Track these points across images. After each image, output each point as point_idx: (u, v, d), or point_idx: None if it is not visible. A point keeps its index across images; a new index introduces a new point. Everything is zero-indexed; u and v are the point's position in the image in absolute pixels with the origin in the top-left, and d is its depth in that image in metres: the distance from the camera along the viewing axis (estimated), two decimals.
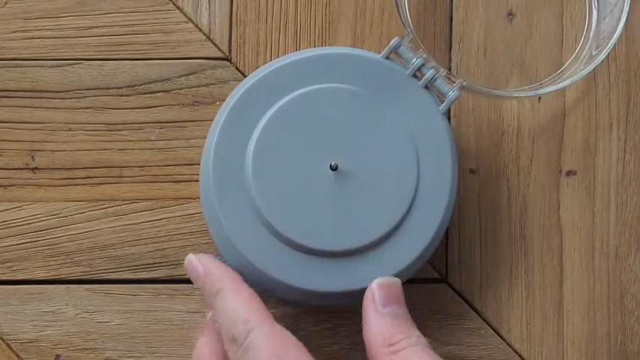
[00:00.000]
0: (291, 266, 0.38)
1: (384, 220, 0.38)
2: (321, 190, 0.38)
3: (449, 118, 0.44)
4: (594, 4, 0.44)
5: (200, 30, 0.45)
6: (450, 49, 0.44)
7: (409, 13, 0.44)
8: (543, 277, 0.43)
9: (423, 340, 0.34)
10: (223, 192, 0.38)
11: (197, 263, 0.37)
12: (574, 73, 0.41)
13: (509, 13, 0.45)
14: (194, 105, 0.44)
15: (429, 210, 0.39)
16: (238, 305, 0.34)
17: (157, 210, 0.43)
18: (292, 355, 0.32)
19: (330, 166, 0.38)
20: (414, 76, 0.39)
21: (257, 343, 0.33)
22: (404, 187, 0.38)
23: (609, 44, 0.41)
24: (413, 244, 0.39)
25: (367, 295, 0.35)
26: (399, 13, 0.40)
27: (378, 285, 0.35)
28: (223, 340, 0.35)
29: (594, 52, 0.42)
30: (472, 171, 0.44)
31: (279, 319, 0.42)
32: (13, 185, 0.43)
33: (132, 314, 0.43)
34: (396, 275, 0.38)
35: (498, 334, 0.43)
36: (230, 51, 0.45)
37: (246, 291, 0.35)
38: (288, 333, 0.34)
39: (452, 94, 0.39)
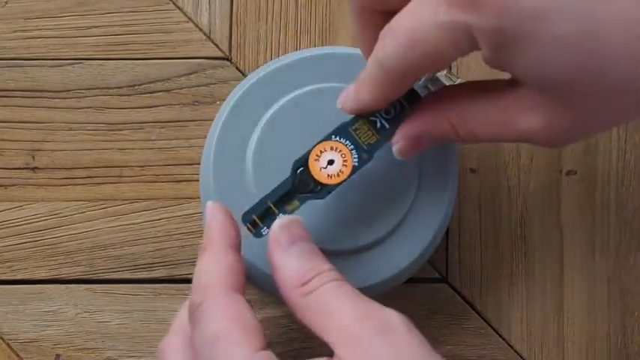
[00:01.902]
0: None
1: (384, 220, 0.38)
2: None
3: None
4: None
5: (200, 30, 0.45)
6: None
7: None
8: (543, 277, 0.43)
9: (334, 274, 0.32)
10: (223, 192, 0.38)
11: (208, 211, 0.35)
12: None
13: None
14: (194, 105, 0.44)
15: (429, 210, 0.39)
16: (207, 269, 0.32)
17: (157, 210, 0.43)
18: (234, 337, 0.30)
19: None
20: None
21: (205, 317, 0.31)
22: (404, 187, 0.38)
23: None
24: (413, 244, 0.38)
25: (271, 239, 0.33)
26: None
27: (280, 226, 0.33)
28: None
29: None
30: (472, 170, 0.44)
31: (279, 318, 0.42)
32: (13, 185, 0.43)
33: (132, 314, 0.43)
34: (397, 275, 0.38)
35: (498, 334, 0.43)
36: (230, 51, 0.45)
37: (226, 257, 0.33)
38: (246, 310, 0.31)
39: None
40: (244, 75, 0.44)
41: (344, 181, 0.35)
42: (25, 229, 0.43)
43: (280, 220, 0.33)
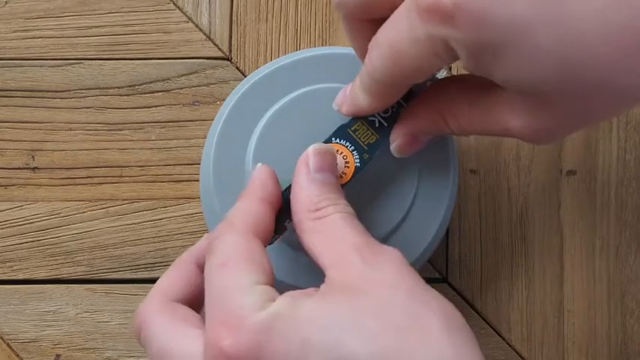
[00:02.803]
0: (292, 266, 0.38)
1: (384, 220, 0.38)
2: None
3: None
4: None
5: (200, 30, 0.45)
6: None
7: None
8: (543, 277, 0.43)
9: (349, 209, 0.33)
10: (223, 192, 0.38)
11: (255, 171, 0.35)
12: None
13: None
14: (194, 105, 0.44)
15: (429, 210, 0.39)
16: (236, 211, 0.33)
17: (158, 210, 0.43)
18: (238, 268, 0.30)
19: None
20: None
21: (219, 248, 0.31)
22: (404, 187, 0.38)
23: None
24: (413, 244, 0.38)
25: (301, 159, 0.34)
26: None
27: (314, 150, 0.34)
28: None
29: None
30: (472, 171, 0.44)
31: None
32: (13, 185, 0.43)
33: (132, 314, 0.43)
34: None
35: (498, 334, 0.43)
36: (230, 51, 0.45)
37: (258, 206, 0.33)
38: (258, 249, 0.31)
39: None
40: (244, 75, 0.44)
41: (347, 182, 0.35)
42: (26, 229, 0.43)
43: (317, 145, 0.34)
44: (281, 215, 0.34)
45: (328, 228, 0.32)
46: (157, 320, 0.32)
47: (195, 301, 0.33)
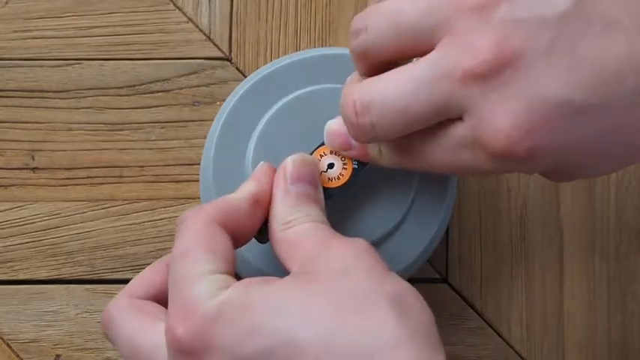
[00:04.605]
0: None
1: (384, 220, 0.38)
2: None
3: None
4: None
5: (200, 30, 0.45)
6: None
7: None
8: (543, 277, 0.43)
9: (320, 217, 0.33)
10: (223, 192, 0.38)
11: (254, 171, 0.35)
12: None
13: None
14: (194, 105, 0.44)
15: (429, 210, 0.39)
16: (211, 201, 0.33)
17: (158, 210, 0.43)
18: (196, 256, 0.31)
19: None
20: None
21: (180, 235, 0.32)
22: (404, 187, 0.38)
23: None
24: (413, 244, 0.38)
25: (279, 170, 0.34)
26: None
27: (292, 161, 0.34)
28: None
29: None
30: None
31: None
32: (13, 185, 0.43)
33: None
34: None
35: (498, 334, 0.43)
36: (230, 51, 0.45)
37: (229, 198, 0.33)
38: (219, 237, 0.32)
39: None
40: (244, 75, 0.44)
41: (345, 183, 0.35)
42: (26, 229, 0.43)
43: (296, 156, 0.34)
44: None
45: (295, 235, 0.32)
46: (124, 316, 0.32)
47: (165, 298, 0.33)
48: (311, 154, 0.36)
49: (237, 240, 0.33)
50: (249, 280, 0.30)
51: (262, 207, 0.34)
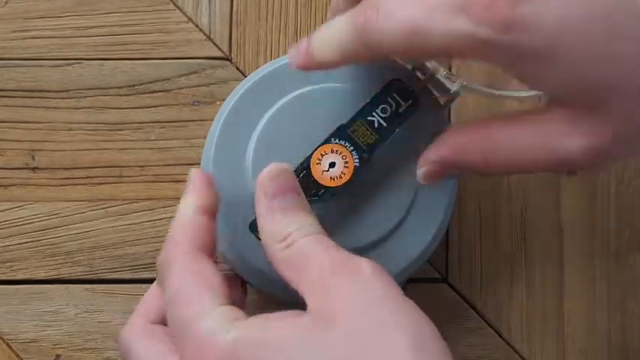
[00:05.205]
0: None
1: (384, 220, 0.38)
2: None
3: (449, 118, 0.44)
4: None
5: (200, 30, 0.45)
6: None
7: None
8: (543, 277, 0.43)
9: (315, 227, 0.32)
10: (223, 192, 0.38)
11: (190, 176, 0.35)
12: None
13: None
14: (194, 105, 0.44)
15: (429, 210, 0.38)
16: (174, 229, 0.33)
17: (157, 210, 0.43)
18: (192, 295, 0.31)
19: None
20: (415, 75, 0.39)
21: (168, 276, 0.31)
22: (405, 186, 0.38)
23: None
24: (413, 244, 0.38)
25: (258, 188, 0.33)
26: None
27: (267, 176, 0.33)
28: None
29: None
30: None
31: None
32: (13, 185, 0.43)
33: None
34: (396, 275, 0.38)
35: (498, 334, 0.43)
36: (230, 51, 0.45)
37: (195, 217, 0.33)
38: (206, 267, 0.32)
39: (452, 94, 0.39)
40: (244, 75, 0.44)
41: (347, 182, 0.35)
42: (25, 229, 0.43)
43: (269, 169, 0.33)
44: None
45: (299, 256, 0.31)
46: (140, 343, 0.33)
47: None
48: (312, 153, 0.36)
49: (210, 255, 0.33)
50: (265, 316, 0.30)
51: (211, 213, 0.34)
